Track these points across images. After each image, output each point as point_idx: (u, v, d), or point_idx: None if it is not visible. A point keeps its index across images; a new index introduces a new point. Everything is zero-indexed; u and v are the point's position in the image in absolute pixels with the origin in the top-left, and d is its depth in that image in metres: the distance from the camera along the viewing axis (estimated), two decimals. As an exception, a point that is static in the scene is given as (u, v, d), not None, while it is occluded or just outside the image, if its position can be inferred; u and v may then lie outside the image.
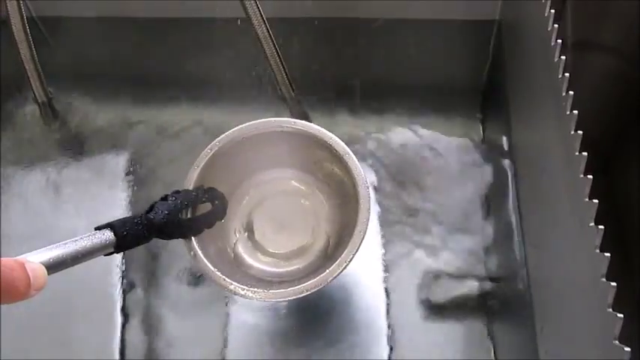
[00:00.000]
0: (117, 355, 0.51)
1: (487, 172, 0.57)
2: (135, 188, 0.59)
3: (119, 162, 0.60)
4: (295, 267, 0.46)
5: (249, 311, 0.52)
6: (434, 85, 0.62)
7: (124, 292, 0.53)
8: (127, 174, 0.59)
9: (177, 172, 0.46)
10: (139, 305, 0.53)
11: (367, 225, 0.42)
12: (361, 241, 0.41)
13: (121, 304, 0.53)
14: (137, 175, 0.59)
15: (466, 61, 0.62)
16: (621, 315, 0.28)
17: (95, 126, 0.63)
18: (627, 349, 0.27)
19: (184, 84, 0.64)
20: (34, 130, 0.63)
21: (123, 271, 0.54)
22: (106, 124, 0.63)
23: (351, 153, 0.44)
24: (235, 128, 0.46)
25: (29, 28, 0.58)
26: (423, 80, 0.63)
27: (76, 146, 0.62)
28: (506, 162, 0.54)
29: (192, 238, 0.42)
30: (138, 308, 0.53)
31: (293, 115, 0.60)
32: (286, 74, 0.57)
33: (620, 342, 0.28)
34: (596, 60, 0.56)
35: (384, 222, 0.56)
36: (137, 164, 0.60)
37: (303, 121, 0.46)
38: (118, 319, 0.52)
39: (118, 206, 0.57)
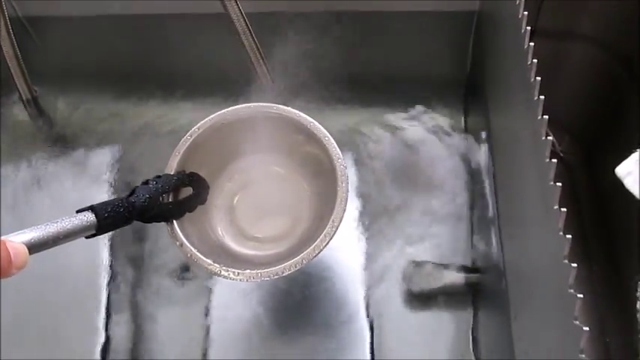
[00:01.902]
0: (99, 347, 0.51)
1: (469, 162, 0.57)
2: (120, 184, 0.59)
3: (104, 158, 0.61)
4: (278, 250, 0.47)
5: (233, 301, 0.53)
6: (417, 77, 0.63)
7: (109, 284, 0.54)
8: (112, 170, 0.60)
9: (163, 167, 0.46)
10: (123, 296, 0.53)
11: (345, 208, 0.42)
12: (339, 224, 0.42)
13: (106, 296, 0.53)
14: (122, 171, 0.59)
15: (449, 52, 0.63)
16: (581, 295, 0.28)
17: (81, 123, 0.63)
18: (586, 328, 0.27)
19: (168, 80, 0.64)
20: (20, 127, 0.64)
21: (109, 262, 0.55)
22: (91, 120, 0.63)
23: (330, 137, 0.45)
24: (215, 114, 0.46)
25: (14, 27, 0.59)
26: (405, 72, 0.63)
27: (62, 143, 0.62)
28: (486, 151, 0.54)
29: (174, 222, 0.43)
30: (122, 299, 0.53)
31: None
32: (266, 67, 0.57)
33: (579, 322, 0.28)
34: (577, 49, 0.56)
35: (367, 212, 0.56)
36: (122, 160, 0.60)
37: (283, 106, 0.46)
38: (102, 311, 0.53)
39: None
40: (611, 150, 0.55)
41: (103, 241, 0.56)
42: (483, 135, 0.55)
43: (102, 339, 0.52)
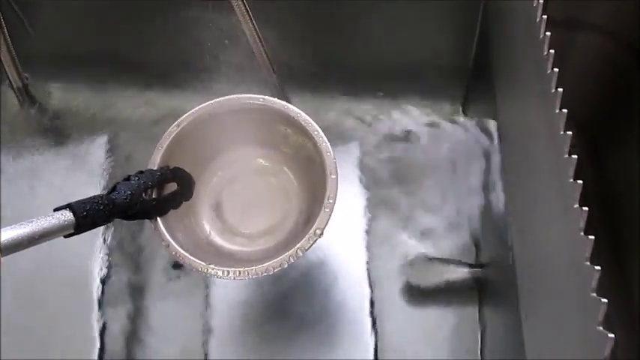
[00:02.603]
0: (97, 341, 0.50)
1: (474, 155, 0.56)
2: (114, 173, 0.57)
3: (98, 147, 0.59)
4: (266, 245, 0.45)
5: (231, 293, 0.51)
6: (420, 65, 0.61)
7: (105, 276, 0.52)
8: (106, 159, 0.58)
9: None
10: (119, 289, 0.52)
11: (334, 202, 0.41)
12: (328, 219, 0.40)
13: (101, 288, 0.52)
14: (116, 160, 0.58)
15: (453, 40, 0.61)
16: (605, 300, 0.27)
17: (73, 111, 0.61)
18: (611, 335, 0.26)
19: (164, 68, 0.62)
20: (10, 116, 0.62)
21: (106, 255, 0.53)
22: (84, 108, 0.62)
23: (319, 130, 0.43)
24: (199, 107, 0.45)
25: (4, 11, 0.57)
26: (408, 60, 0.61)
27: (54, 132, 0.60)
28: (493, 143, 0.52)
29: (158, 219, 0.41)
30: (118, 292, 0.52)
31: (273, 96, 0.58)
32: (267, 55, 0.56)
33: (603, 328, 0.27)
34: (585, 40, 0.54)
35: (369, 206, 0.54)
36: (116, 149, 0.58)
37: (270, 97, 0.45)
38: (97, 304, 0.52)
39: (97, 191, 0.56)
40: (618, 143, 0.53)
41: (99, 231, 0.54)
42: (489, 127, 0.53)
43: (97, 331, 0.51)
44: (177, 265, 0.52)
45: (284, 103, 0.44)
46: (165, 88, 0.61)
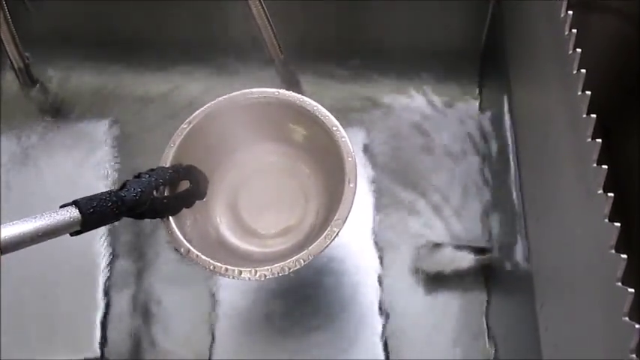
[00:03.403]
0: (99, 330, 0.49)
1: (486, 139, 0.55)
2: (116, 155, 0.56)
3: (100, 128, 0.58)
4: (283, 246, 0.44)
5: (240, 284, 0.51)
6: (430, 47, 0.60)
7: (110, 263, 0.52)
8: (108, 140, 0.57)
9: (160, 138, 0.44)
10: (124, 276, 0.51)
11: (351, 205, 0.39)
12: (344, 221, 0.39)
13: (107, 275, 0.51)
14: (119, 142, 0.57)
15: (464, 21, 0.59)
16: (632, 290, 0.26)
17: (75, 91, 0.61)
18: (638, 325, 0.25)
19: (167, 47, 0.61)
20: (11, 97, 0.61)
21: (109, 242, 0.52)
22: (86, 89, 0.61)
23: (337, 123, 0.42)
24: (212, 102, 0.43)
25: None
26: (418, 42, 0.60)
27: (56, 112, 0.59)
28: (507, 127, 0.51)
29: (170, 218, 0.40)
30: (123, 279, 0.51)
31: (281, 78, 0.57)
32: (274, 35, 0.54)
33: (630, 319, 0.25)
34: (599, 21, 0.53)
35: (380, 191, 0.54)
36: (119, 130, 0.58)
37: (284, 91, 0.43)
38: (101, 291, 0.51)
39: (100, 174, 0.55)
40: (630, 127, 0.52)
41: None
42: (504, 109, 0.52)
43: (100, 318, 0.50)
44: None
45: (299, 96, 0.43)
46: (169, 69, 0.60)
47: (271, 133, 0.46)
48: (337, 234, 0.38)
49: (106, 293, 0.51)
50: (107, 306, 0.50)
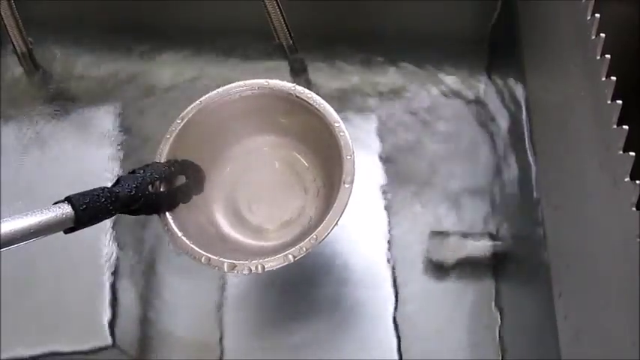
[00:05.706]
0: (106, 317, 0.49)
1: (499, 126, 0.54)
2: (122, 144, 0.55)
3: (105, 116, 0.57)
4: (283, 240, 0.43)
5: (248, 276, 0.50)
6: (439, 34, 0.59)
7: (117, 254, 0.51)
8: (114, 129, 0.56)
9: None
10: (131, 266, 0.50)
11: (347, 201, 0.38)
12: (339, 216, 0.38)
13: (113, 266, 0.51)
14: (124, 130, 0.56)
15: (472, 6, 0.58)
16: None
17: (79, 77, 0.59)
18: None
19: (175, 33, 0.60)
20: (15, 82, 0.60)
21: (114, 233, 0.52)
22: (91, 75, 0.59)
23: (340, 122, 0.41)
24: (208, 95, 0.43)
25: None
26: (427, 29, 0.59)
27: (59, 99, 0.58)
28: (521, 115, 0.50)
29: (167, 214, 0.39)
30: (130, 269, 0.50)
31: (291, 65, 0.56)
32: (284, 21, 0.53)
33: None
34: (615, 10, 0.52)
35: (389, 178, 0.53)
36: (124, 118, 0.57)
37: (277, 81, 0.43)
38: (108, 280, 0.50)
39: (104, 163, 0.54)
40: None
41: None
42: (517, 96, 0.51)
43: (108, 309, 0.49)
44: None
45: (290, 84, 0.42)
46: (177, 55, 0.59)
47: (270, 125, 0.45)
48: (335, 224, 0.38)
49: (113, 285, 0.50)
50: (114, 297, 0.50)
